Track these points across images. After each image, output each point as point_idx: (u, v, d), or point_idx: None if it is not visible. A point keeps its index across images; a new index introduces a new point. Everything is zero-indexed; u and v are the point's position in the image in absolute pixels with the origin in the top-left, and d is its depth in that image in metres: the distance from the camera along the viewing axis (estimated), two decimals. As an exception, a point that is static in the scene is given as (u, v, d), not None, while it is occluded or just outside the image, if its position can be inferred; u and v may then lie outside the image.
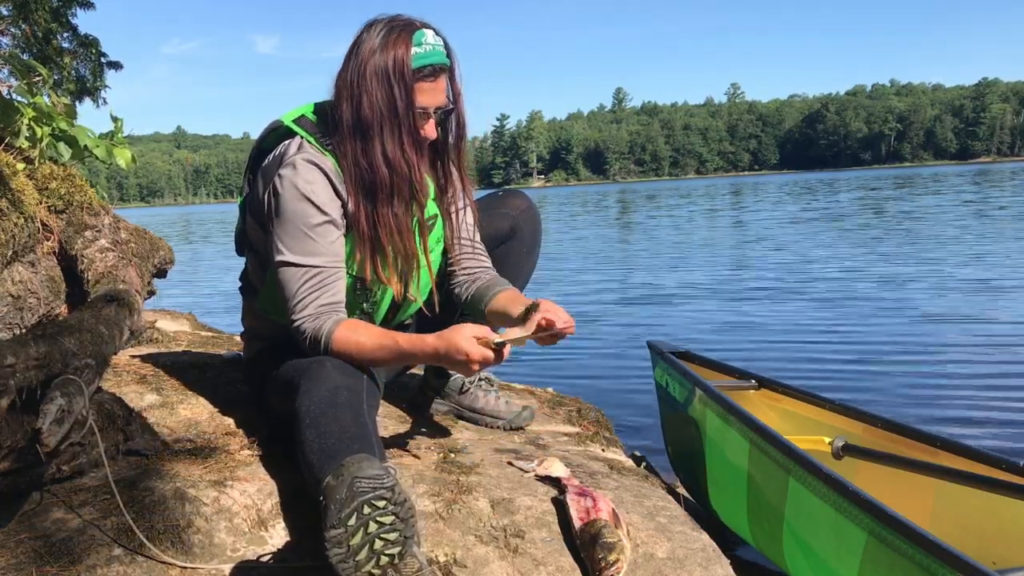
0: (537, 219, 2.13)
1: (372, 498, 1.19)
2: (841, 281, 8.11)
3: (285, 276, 1.66)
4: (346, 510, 1.18)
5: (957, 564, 1.35)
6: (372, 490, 1.20)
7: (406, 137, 1.66)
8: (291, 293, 1.65)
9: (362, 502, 1.19)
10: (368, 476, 1.21)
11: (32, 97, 2.24)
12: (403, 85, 1.63)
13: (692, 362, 2.69)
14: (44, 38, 9.89)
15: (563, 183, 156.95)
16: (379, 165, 1.65)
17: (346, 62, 1.67)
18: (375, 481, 1.21)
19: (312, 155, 1.67)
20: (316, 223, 1.65)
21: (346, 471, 1.22)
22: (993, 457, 1.86)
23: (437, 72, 1.66)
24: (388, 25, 1.64)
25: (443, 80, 1.69)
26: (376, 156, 1.65)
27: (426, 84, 1.66)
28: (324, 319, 1.64)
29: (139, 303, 1.95)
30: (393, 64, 1.61)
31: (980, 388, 4.23)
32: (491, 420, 2.18)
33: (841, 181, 52.38)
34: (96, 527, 1.32)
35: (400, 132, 1.65)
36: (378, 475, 1.22)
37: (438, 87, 1.68)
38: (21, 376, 1.19)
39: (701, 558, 1.57)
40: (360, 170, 1.66)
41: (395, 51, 1.61)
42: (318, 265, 1.65)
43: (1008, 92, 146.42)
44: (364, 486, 1.20)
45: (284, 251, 1.65)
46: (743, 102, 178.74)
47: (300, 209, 1.64)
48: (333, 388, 1.49)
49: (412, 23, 1.65)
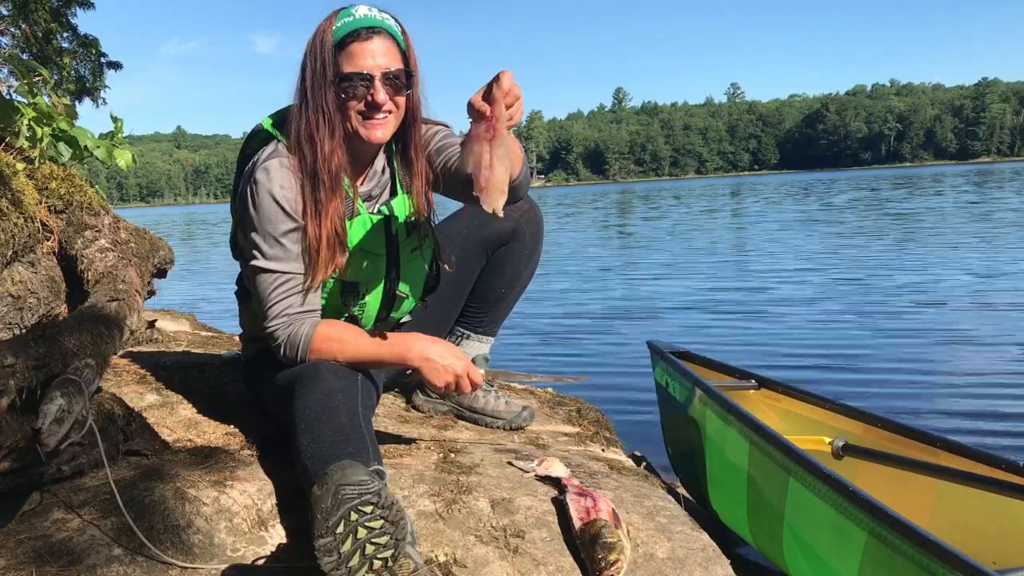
0: (539, 221, 2.12)
1: (358, 504, 1.18)
2: (841, 281, 8.11)
3: (258, 282, 1.64)
4: (333, 518, 1.17)
5: (957, 564, 1.35)
6: (358, 496, 1.19)
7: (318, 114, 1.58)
8: (264, 299, 1.63)
9: (348, 509, 1.18)
10: (352, 483, 1.20)
11: (32, 97, 2.24)
12: (317, 56, 1.57)
13: (692, 362, 2.69)
14: (44, 38, 9.90)
15: (563, 183, 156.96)
16: (301, 144, 1.60)
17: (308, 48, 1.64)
18: (360, 487, 1.20)
19: (284, 157, 1.62)
20: (288, 229, 1.61)
21: (330, 479, 1.21)
22: (993, 457, 1.86)
23: (363, 35, 1.57)
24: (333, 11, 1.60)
25: (378, 42, 1.57)
26: (299, 137, 1.60)
27: (355, 46, 1.56)
28: (298, 325, 1.62)
29: (139, 303, 1.94)
30: (315, 37, 1.58)
31: (980, 388, 4.23)
32: (491, 420, 2.18)
33: (840, 181, 52.38)
34: (96, 527, 1.32)
35: (315, 106, 1.58)
36: (363, 480, 1.21)
37: (369, 49, 1.57)
38: (21, 376, 1.19)
39: (701, 558, 1.57)
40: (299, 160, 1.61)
41: (321, 27, 1.58)
42: (291, 271, 1.63)
43: (1008, 92, 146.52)
44: (349, 493, 1.19)
45: (258, 256, 1.63)
46: (743, 102, 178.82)
47: (274, 214, 1.60)
48: (328, 392, 1.49)
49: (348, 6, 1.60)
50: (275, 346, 1.64)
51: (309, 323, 1.63)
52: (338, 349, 1.61)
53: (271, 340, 1.64)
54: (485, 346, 2.17)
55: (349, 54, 1.57)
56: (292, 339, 1.61)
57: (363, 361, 1.63)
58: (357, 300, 1.76)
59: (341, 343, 1.61)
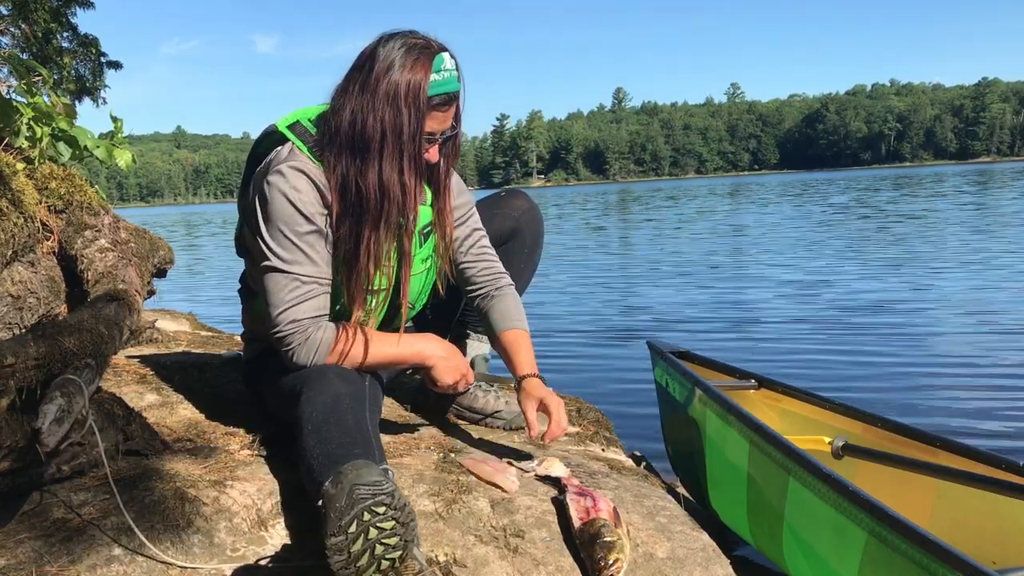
0: (539, 220, 2.12)
1: (372, 504, 1.19)
2: (841, 281, 8.12)
3: (271, 282, 1.61)
4: (346, 517, 1.17)
5: (957, 564, 1.35)
6: (372, 496, 1.19)
7: (407, 163, 1.60)
8: (276, 300, 1.60)
9: (362, 509, 1.18)
10: (367, 483, 1.21)
11: (32, 97, 2.24)
12: (415, 110, 1.57)
13: (692, 362, 2.69)
14: (44, 38, 9.90)
15: (563, 183, 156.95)
16: (371, 186, 1.59)
17: (353, 74, 1.61)
18: (375, 487, 1.20)
19: (302, 163, 1.61)
20: (304, 231, 1.60)
21: (345, 478, 1.22)
22: (993, 457, 1.86)
23: (451, 100, 1.62)
24: (406, 44, 1.57)
25: (454, 106, 1.65)
26: (370, 177, 1.59)
27: (438, 112, 1.61)
28: (314, 330, 1.60)
29: (139, 303, 1.94)
30: (408, 88, 1.55)
31: (980, 388, 4.23)
32: (491, 420, 2.18)
33: (839, 181, 52.37)
34: (96, 527, 1.32)
35: (402, 157, 1.59)
36: (377, 481, 1.21)
37: (448, 114, 1.64)
38: (21, 376, 1.19)
39: (701, 558, 1.57)
40: (349, 187, 1.61)
41: (412, 75, 1.56)
42: (305, 275, 1.61)
43: (1008, 92, 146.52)
44: (364, 492, 1.19)
45: (271, 257, 1.61)
46: (743, 102, 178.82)
47: (288, 217, 1.59)
48: (335, 396, 1.49)
49: (431, 46, 1.59)
50: (286, 350, 1.61)
51: (326, 328, 1.62)
52: (358, 352, 1.61)
53: (280, 344, 1.61)
54: (485, 346, 2.17)
55: (431, 116, 1.61)
56: (309, 344, 1.59)
57: (382, 363, 1.64)
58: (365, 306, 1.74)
59: (362, 346, 1.61)
